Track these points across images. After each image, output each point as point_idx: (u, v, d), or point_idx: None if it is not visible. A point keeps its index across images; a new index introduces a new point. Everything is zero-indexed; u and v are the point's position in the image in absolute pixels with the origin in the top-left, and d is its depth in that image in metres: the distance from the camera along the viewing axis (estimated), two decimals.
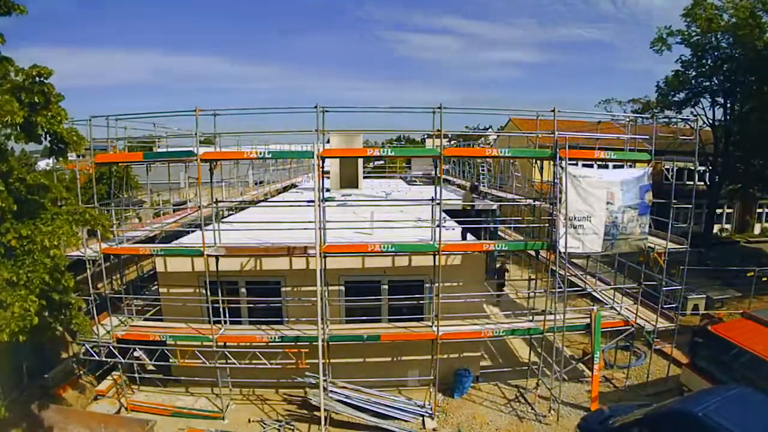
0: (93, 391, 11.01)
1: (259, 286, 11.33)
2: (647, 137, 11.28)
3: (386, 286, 11.24)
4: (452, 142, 27.51)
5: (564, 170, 10.07)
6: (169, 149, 14.43)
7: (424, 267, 10.74)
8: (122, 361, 10.68)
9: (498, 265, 17.51)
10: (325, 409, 9.92)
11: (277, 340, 10.31)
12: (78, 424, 9.40)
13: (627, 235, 10.61)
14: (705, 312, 15.80)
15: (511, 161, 19.36)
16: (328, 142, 12.79)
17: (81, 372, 11.21)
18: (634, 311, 11.56)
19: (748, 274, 16.18)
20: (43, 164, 30.58)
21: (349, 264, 10.81)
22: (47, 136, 6.88)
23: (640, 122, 15.28)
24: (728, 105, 23.07)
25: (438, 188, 10.21)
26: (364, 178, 24.07)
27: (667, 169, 14.01)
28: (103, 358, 10.76)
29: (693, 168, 12.09)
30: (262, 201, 18.51)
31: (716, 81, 22.72)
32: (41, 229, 6.64)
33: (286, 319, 11.14)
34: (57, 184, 7.93)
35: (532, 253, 12.67)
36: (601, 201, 10.32)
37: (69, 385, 10.71)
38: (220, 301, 10.47)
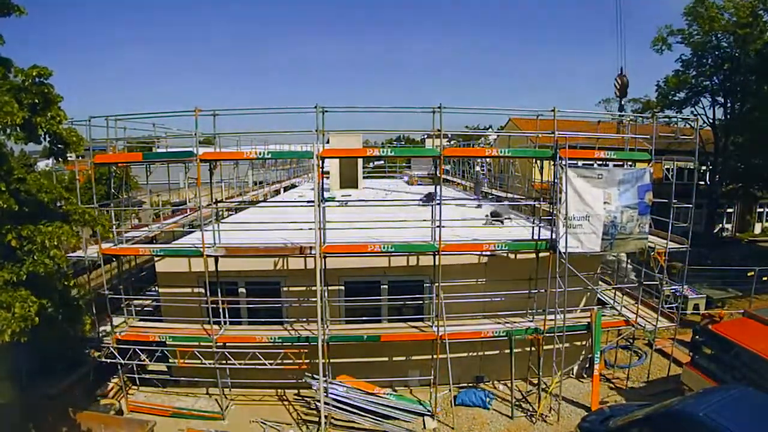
0: (93, 391, 11.00)
1: (259, 287, 11.32)
2: (647, 137, 11.27)
3: (386, 286, 11.24)
4: (452, 142, 27.52)
5: (564, 170, 10.07)
6: (169, 150, 14.43)
7: (425, 267, 10.74)
8: (122, 362, 10.67)
9: None
10: (325, 410, 9.92)
11: (276, 340, 10.29)
12: (78, 424, 9.39)
13: (626, 235, 10.60)
14: (706, 311, 15.80)
15: (511, 161, 19.38)
16: (327, 142, 12.79)
17: (81, 373, 11.19)
18: (635, 311, 11.55)
19: (749, 274, 16.18)
20: (42, 165, 30.60)
21: (349, 264, 10.80)
22: (47, 136, 6.87)
23: (640, 122, 15.29)
24: (728, 104, 23.10)
25: (438, 188, 10.21)
26: (364, 178, 24.09)
27: (668, 169, 14.01)
28: (104, 360, 10.75)
29: (693, 167, 12.10)
30: (262, 201, 18.52)
31: (716, 80, 22.75)
32: (41, 229, 6.64)
33: (286, 319, 11.13)
34: (56, 185, 7.93)
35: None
36: (599, 201, 10.31)
37: (69, 386, 10.70)
38: (220, 302, 10.46)
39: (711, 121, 23.57)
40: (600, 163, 12.65)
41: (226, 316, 10.76)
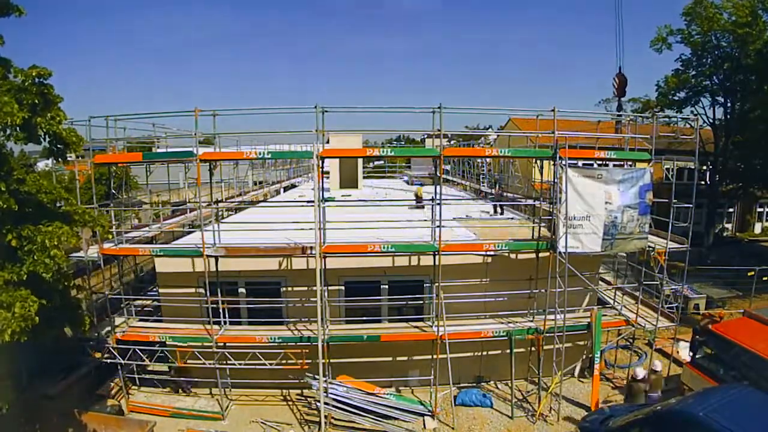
0: (93, 391, 11.00)
1: (259, 287, 11.32)
2: (647, 137, 11.26)
3: (386, 286, 11.24)
4: (452, 142, 27.49)
5: (564, 170, 10.06)
6: (169, 150, 14.43)
7: (425, 267, 10.73)
8: (122, 362, 10.67)
9: None
10: (325, 410, 9.92)
11: (277, 340, 10.29)
12: (78, 424, 9.39)
13: (626, 235, 10.59)
14: (706, 311, 15.81)
15: (511, 161, 19.37)
16: (327, 142, 12.78)
17: (81, 373, 11.19)
18: (635, 311, 11.54)
19: (749, 274, 16.19)
20: (42, 165, 30.59)
21: (350, 264, 10.79)
22: (46, 136, 6.86)
23: (640, 122, 15.29)
24: (728, 104, 23.07)
25: (438, 188, 10.21)
26: (364, 178, 24.09)
27: (668, 169, 14.01)
28: (104, 360, 10.74)
29: (693, 167, 12.09)
30: (262, 201, 18.51)
31: (716, 80, 22.71)
32: (41, 229, 6.63)
33: (286, 319, 11.12)
34: (56, 185, 7.92)
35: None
36: (599, 201, 10.30)
37: (69, 386, 10.69)
38: (220, 302, 10.45)
39: (711, 120, 23.54)
40: (600, 163, 12.65)
41: (227, 316, 10.76)
